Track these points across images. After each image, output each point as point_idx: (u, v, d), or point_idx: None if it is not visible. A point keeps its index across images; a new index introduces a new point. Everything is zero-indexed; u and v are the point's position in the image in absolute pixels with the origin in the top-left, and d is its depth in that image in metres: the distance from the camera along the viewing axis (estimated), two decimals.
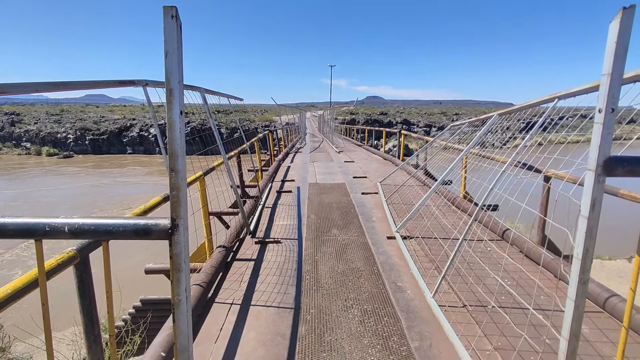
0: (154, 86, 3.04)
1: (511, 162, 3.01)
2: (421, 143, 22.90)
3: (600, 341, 2.39)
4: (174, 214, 0.99)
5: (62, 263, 1.51)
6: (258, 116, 44.52)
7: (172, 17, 0.94)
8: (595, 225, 1.18)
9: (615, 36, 1.09)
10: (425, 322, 2.64)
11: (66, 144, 33.99)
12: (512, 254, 3.71)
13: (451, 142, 6.40)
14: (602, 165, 1.14)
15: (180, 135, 0.99)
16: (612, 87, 1.11)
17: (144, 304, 3.66)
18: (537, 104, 3.07)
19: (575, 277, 1.23)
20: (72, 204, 17.00)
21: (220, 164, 4.27)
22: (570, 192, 1.71)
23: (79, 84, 2.20)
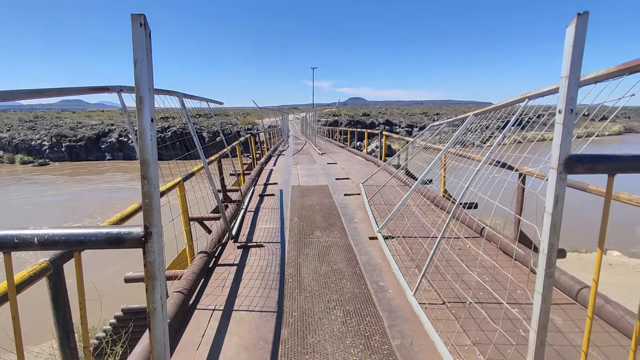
0: (129, 92, 3.00)
1: (486, 160, 3.10)
2: (403, 143, 23.18)
3: (572, 331, 2.48)
4: (147, 222, 0.99)
5: (34, 275, 1.47)
6: (240, 119, 44.21)
7: (140, 25, 0.95)
8: (559, 221, 1.24)
9: (571, 41, 1.14)
10: (406, 320, 2.68)
11: (41, 151, 32.93)
12: (489, 250, 3.82)
13: (431, 142, 6.52)
14: (564, 163, 1.20)
15: (152, 143, 0.99)
16: (570, 89, 1.17)
17: (125, 313, 3.59)
18: (509, 104, 3.17)
19: (542, 271, 1.28)
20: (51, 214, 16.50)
21: (200, 169, 4.23)
22: (538, 189, 1.78)
23: (52, 92, 2.15)
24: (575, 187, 3.07)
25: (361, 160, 11.69)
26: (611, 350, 2.28)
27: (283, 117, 24.40)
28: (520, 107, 2.92)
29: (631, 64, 1.36)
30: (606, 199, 1.29)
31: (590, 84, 1.61)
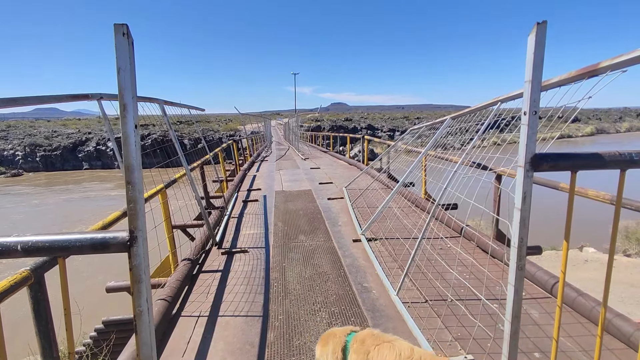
0: (109, 99, 2.98)
1: (462, 161, 3.20)
2: (385, 147, 23.47)
3: (548, 324, 2.59)
4: (132, 226, 1.01)
5: (15, 284, 1.46)
6: (222, 125, 43.87)
7: (123, 34, 0.98)
8: (527, 216, 1.32)
9: (532, 48, 1.23)
10: (390, 319, 2.74)
11: (14, 162, 31.80)
12: (468, 249, 3.93)
13: (412, 145, 6.66)
14: (530, 162, 1.28)
15: (136, 149, 1.02)
16: (533, 92, 1.26)
17: (106, 325, 3.52)
18: (483, 107, 3.30)
19: (513, 264, 1.36)
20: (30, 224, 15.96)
21: (182, 176, 4.21)
22: (509, 187, 1.87)
23: (29, 100, 2.13)
24: (547, 185, 3.21)
25: (344, 165, 11.80)
26: (584, 340, 2.39)
27: (265, 123, 24.37)
28: (493, 110, 3.04)
29: (590, 68, 1.46)
30: (570, 193, 1.38)
31: (554, 87, 1.72)
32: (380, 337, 1.55)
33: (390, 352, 1.45)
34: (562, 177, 3.24)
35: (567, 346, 2.32)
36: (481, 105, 3.20)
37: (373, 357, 1.46)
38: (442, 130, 4.12)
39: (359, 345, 1.54)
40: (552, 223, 5.76)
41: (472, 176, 3.00)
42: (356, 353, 1.52)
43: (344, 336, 1.64)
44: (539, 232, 6.78)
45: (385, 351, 1.45)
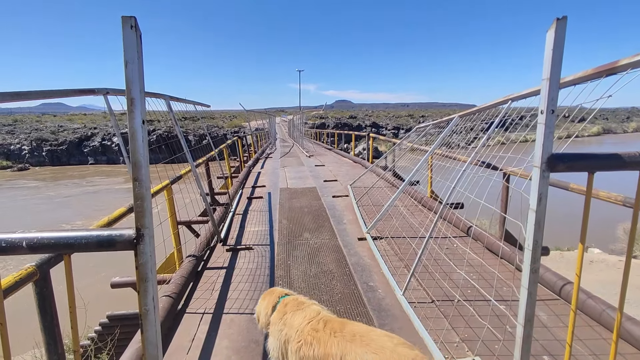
0: (115, 94, 2.96)
1: (471, 160, 3.16)
2: (390, 145, 23.37)
3: (557, 326, 2.55)
4: (139, 224, 0.99)
5: (21, 280, 1.44)
6: (227, 122, 43.93)
7: (131, 27, 0.95)
8: (543, 218, 1.28)
9: (551, 44, 1.19)
10: (396, 319, 2.71)
11: (21, 156, 32.05)
12: (476, 249, 3.88)
13: (418, 143, 6.61)
14: (546, 162, 1.24)
15: (143, 145, 0.99)
16: (551, 90, 1.22)
17: (111, 320, 3.53)
18: (493, 106, 3.25)
19: (527, 267, 1.32)
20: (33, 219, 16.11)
21: (187, 172, 4.19)
22: (522, 188, 1.83)
23: (36, 94, 2.12)
24: (557, 186, 3.16)
25: (349, 162, 11.76)
26: (593, 343, 2.35)
27: (270, 119, 24.36)
28: (504, 109, 3.00)
29: (608, 66, 1.42)
30: (587, 196, 1.34)
31: (569, 85, 1.67)
32: (298, 303, 1.84)
33: (300, 315, 1.75)
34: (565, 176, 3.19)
35: (577, 349, 2.28)
36: (491, 103, 3.16)
37: (287, 318, 1.77)
38: (450, 129, 4.07)
39: (282, 307, 1.85)
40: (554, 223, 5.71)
41: (481, 175, 2.96)
42: (277, 312, 1.85)
43: (277, 297, 1.96)
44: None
45: (297, 314, 1.76)
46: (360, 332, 1.55)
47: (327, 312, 1.80)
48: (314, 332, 1.61)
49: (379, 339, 1.49)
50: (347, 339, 1.52)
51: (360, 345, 1.47)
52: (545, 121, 1.23)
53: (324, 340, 1.55)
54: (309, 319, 1.70)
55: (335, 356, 1.48)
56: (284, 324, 1.76)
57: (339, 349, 1.49)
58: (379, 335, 1.52)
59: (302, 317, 1.72)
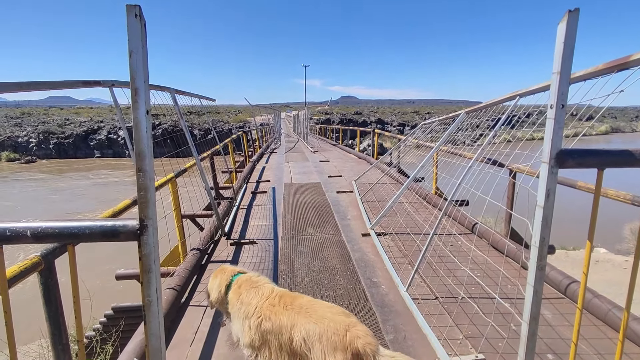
0: (121, 86, 2.96)
1: (477, 157, 3.13)
2: (395, 141, 23.28)
3: (562, 325, 2.53)
4: (142, 215, 0.98)
5: (25, 270, 1.45)
6: (232, 117, 43.99)
7: (135, 15, 0.94)
8: (550, 215, 1.26)
9: (562, 37, 1.16)
10: (399, 315, 2.70)
11: (28, 149, 32.33)
12: (481, 246, 3.86)
13: (423, 140, 6.57)
14: (555, 157, 1.22)
15: (147, 135, 0.99)
16: (561, 85, 1.19)
17: (116, 311, 3.55)
18: (500, 102, 3.21)
19: (533, 264, 1.30)
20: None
21: (192, 165, 4.20)
22: (529, 184, 1.81)
23: (42, 84, 2.13)
24: (565, 183, 3.12)
25: (353, 158, 11.72)
26: (599, 343, 2.33)
27: (275, 115, 24.32)
28: (511, 105, 2.96)
29: (620, 61, 1.39)
30: (596, 193, 1.32)
31: (579, 81, 1.64)
32: (252, 282, 1.94)
33: (256, 294, 1.85)
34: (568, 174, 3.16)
35: (582, 349, 2.26)
36: (499, 99, 3.12)
37: (244, 297, 1.86)
38: (456, 125, 4.04)
39: (236, 287, 1.94)
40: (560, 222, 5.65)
41: (487, 172, 2.94)
42: (233, 292, 1.94)
43: (230, 275, 2.03)
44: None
45: (252, 293, 1.85)
46: (306, 304, 1.72)
47: (279, 288, 1.94)
48: (272, 307, 1.75)
49: (321, 310, 1.66)
50: (296, 311, 1.69)
51: (305, 317, 1.64)
52: (555, 116, 1.20)
53: (279, 313, 1.71)
54: (266, 296, 1.82)
55: (286, 327, 1.66)
56: (241, 303, 1.86)
57: (289, 320, 1.66)
58: (321, 307, 1.69)
59: (259, 295, 1.83)
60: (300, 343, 1.60)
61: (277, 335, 1.68)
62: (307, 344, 1.59)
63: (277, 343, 1.69)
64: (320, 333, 1.56)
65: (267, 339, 1.73)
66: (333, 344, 1.51)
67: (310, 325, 1.60)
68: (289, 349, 1.65)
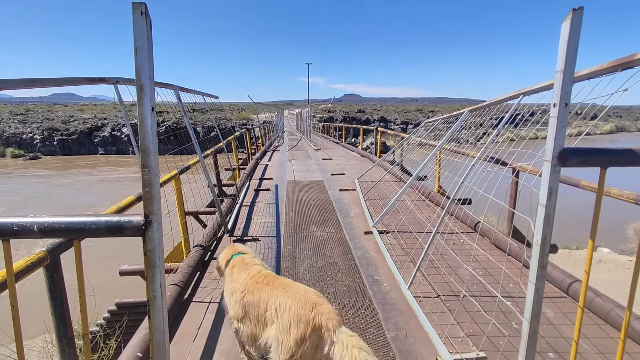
0: (125, 84, 2.98)
1: (480, 156, 3.13)
2: (398, 140, 23.26)
3: (563, 324, 2.53)
4: (147, 210, 0.99)
5: (32, 265, 1.47)
6: (235, 114, 44.02)
7: (141, 13, 0.95)
8: (552, 213, 1.26)
9: (566, 36, 1.16)
10: (401, 313, 2.71)
11: (32, 145, 32.50)
12: (483, 245, 3.86)
13: (426, 138, 6.56)
14: (558, 156, 1.22)
15: (152, 132, 1.00)
16: (564, 84, 1.19)
17: (119, 307, 3.58)
18: (504, 100, 3.20)
19: (535, 262, 1.31)
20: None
21: (196, 162, 4.22)
22: (532, 183, 1.81)
23: (47, 81, 2.14)
24: (568, 183, 3.12)
25: (356, 156, 11.72)
26: (600, 342, 2.33)
27: (278, 112, 24.32)
28: (515, 104, 2.95)
29: (625, 59, 1.38)
30: (598, 192, 1.32)
31: (583, 80, 1.64)
32: (244, 263, 2.13)
33: (245, 272, 2.05)
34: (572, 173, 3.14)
35: (584, 348, 2.26)
36: (502, 97, 3.11)
37: (234, 276, 2.07)
38: (459, 124, 4.03)
39: (230, 267, 2.16)
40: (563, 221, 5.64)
41: (490, 171, 2.93)
42: (228, 270, 2.16)
43: (230, 254, 2.27)
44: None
45: (242, 272, 2.06)
46: (285, 283, 1.91)
47: (267, 269, 2.12)
48: (255, 284, 1.94)
49: (297, 288, 1.84)
50: (275, 286, 1.88)
51: (281, 291, 1.82)
52: (558, 114, 1.21)
53: (260, 288, 1.90)
54: (252, 275, 2.01)
55: (264, 300, 1.84)
56: (231, 281, 2.08)
57: (267, 294, 1.85)
58: (298, 286, 1.87)
59: (246, 274, 2.03)
60: (272, 312, 1.78)
61: (256, 307, 1.86)
62: (277, 313, 1.76)
63: (255, 314, 1.87)
64: (290, 305, 1.73)
65: (247, 311, 1.92)
66: (299, 316, 1.67)
67: (284, 299, 1.77)
68: (263, 319, 1.83)
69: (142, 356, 2.07)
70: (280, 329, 1.71)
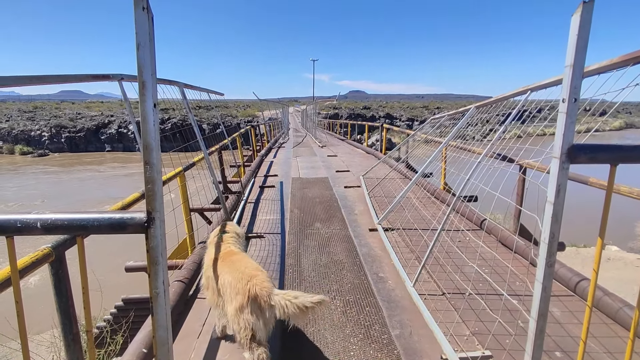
0: (129, 80, 2.98)
1: (487, 153, 3.09)
2: (404, 137, 23.15)
3: (571, 323, 2.51)
4: (150, 207, 0.99)
5: (36, 261, 1.48)
6: (240, 111, 44.07)
7: (143, 8, 0.94)
8: (561, 210, 1.24)
9: (576, 29, 1.13)
10: (405, 310, 2.70)
11: (41, 142, 32.83)
12: (489, 242, 3.83)
13: (432, 135, 6.51)
14: (566, 152, 1.19)
15: (154, 128, 0.99)
16: (574, 78, 1.16)
17: (126, 303, 3.61)
18: (511, 96, 3.16)
19: (542, 260, 1.28)
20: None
21: (200, 159, 4.22)
22: (539, 180, 1.78)
23: (53, 78, 2.15)
24: (576, 180, 3.07)
25: (361, 153, 11.68)
26: (608, 341, 2.30)
27: (283, 109, 24.30)
28: (522, 100, 2.91)
29: (636, 54, 1.35)
30: (608, 189, 1.29)
31: (593, 75, 1.61)
32: (220, 243, 2.39)
33: (215, 250, 2.33)
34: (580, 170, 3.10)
35: (591, 347, 2.23)
36: (509, 93, 3.07)
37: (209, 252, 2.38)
38: (466, 120, 3.99)
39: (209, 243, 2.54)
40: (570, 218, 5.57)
41: (497, 167, 2.90)
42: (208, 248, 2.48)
43: (218, 232, 2.56)
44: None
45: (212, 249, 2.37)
46: (236, 260, 2.16)
47: (235, 247, 2.37)
48: (216, 260, 2.21)
49: (241, 265, 2.08)
50: (226, 263, 2.14)
51: (228, 268, 2.08)
52: (567, 110, 1.18)
53: (218, 264, 2.17)
54: (220, 251, 2.28)
55: (219, 275, 2.10)
56: (206, 255, 2.41)
57: (220, 270, 2.11)
58: (244, 263, 2.11)
59: (215, 251, 2.31)
60: (220, 287, 2.05)
61: (214, 280, 2.12)
62: (223, 289, 2.02)
63: (213, 286, 2.14)
64: (230, 281, 1.98)
65: (209, 283, 2.20)
66: (236, 289, 1.93)
67: (227, 275, 2.03)
68: (217, 291, 2.09)
69: (147, 352, 2.08)
70: (227, 302, 1.98)
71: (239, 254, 2.26)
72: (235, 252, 2.29)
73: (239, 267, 2.05)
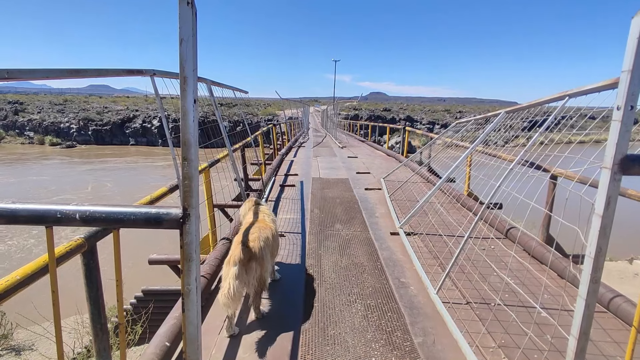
0: (161, 76, 3.02)
1: (519, 160, 2.99)
2: (424, 140, 22.83)
3: (604, 341, 2.39)
4: (186, 203, 0.98)
5: (70, 251, 1.50)
6: (261, 110, 44.47)
7: (187, 3, 0.93)
8: (610, 224, 1.17)
9: (637, 33, 1.07)
10: (428, 318, 2.64)
11: (69, 134, 34.02)
12: (517, 253, 3.70)
13: (456, 139, 6.38)
14: (619, 163, 1.13)
15: (194, 125, 0.98)
16: (632, 84, 1.10)
17: (145, 294, 3.68)
18: (546, 102, 3.04)
19: (587, 276, 1.22)
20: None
21: (225, 156, 4.25)
22: (581, 192, 1.70)
23: (88, 72, 2.19)
24: None
25: (382, 155, 11.57)
26: None
27: (304, 109, 24.35)
28: (559, 106, 2.79)
29: None
30: None
31: None
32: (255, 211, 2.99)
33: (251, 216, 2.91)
34: None
35: None
36: (545, 99, 2.96)
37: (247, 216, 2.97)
38: (495, 125, 3.88)
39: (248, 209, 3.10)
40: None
41: (525, 175, 2.80)
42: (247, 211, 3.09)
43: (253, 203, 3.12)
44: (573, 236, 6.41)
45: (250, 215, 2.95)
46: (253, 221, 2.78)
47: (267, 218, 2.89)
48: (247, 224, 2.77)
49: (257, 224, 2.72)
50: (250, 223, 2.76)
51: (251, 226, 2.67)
52: (622, 118, 1.11)
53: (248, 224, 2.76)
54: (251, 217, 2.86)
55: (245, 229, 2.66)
56: (243, 217, 3.05)
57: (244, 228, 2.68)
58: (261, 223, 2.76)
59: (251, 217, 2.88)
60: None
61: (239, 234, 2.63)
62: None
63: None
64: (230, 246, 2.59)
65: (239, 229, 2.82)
66: (228, 257, 2.44)
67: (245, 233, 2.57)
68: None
69: (170, 345, 2.10)
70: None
71: (259, 222, 2.78)
72: (256, 225, 2.71)
73: (238, 237, 2.54)
